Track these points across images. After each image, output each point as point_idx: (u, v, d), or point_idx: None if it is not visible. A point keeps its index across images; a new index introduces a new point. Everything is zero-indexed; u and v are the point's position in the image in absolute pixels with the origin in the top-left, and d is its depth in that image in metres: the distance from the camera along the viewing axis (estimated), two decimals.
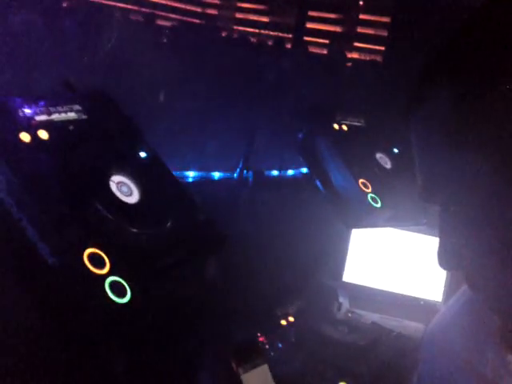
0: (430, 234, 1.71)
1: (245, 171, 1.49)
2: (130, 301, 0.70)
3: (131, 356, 0.90)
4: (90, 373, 0.79)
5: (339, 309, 1.57)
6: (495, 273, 0.46)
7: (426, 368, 1.02)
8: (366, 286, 1.73)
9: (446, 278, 1.73)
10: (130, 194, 0.82)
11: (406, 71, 1.93)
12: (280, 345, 1.30)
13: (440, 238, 0.53)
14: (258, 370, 0.67)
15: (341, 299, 1.62)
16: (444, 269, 0.54)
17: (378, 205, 1.41)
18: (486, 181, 0.44)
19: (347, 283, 1.73)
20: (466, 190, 0.46)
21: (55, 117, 0.84)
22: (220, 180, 1.51)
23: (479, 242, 0.47)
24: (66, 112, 0.88)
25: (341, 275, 1.73)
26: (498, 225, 0.45)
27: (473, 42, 0.45)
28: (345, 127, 1.58)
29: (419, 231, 1.71)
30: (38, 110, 0.82)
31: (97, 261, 0.70)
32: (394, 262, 1.74)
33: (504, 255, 0.44)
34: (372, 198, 1.42)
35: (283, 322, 1.42)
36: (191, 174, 1.39)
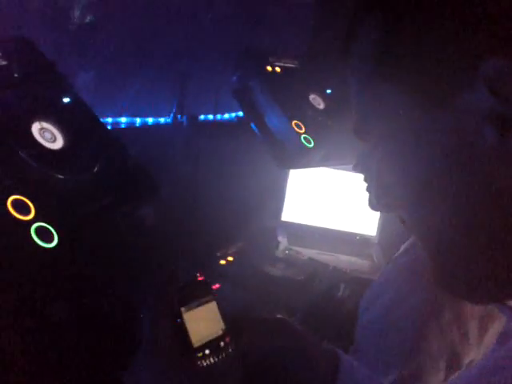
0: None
1: (179, 116, 1.49)
2: (57, 245, 0.70)
3: (69, 303, 0.91)
4: (28, 322, 0.80)
5: (277, 247, 1.61)
6: (422, 210, 0.47)
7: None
8: (303, 224, 1.78)
9: (380, 214, 1.80)
10: (54, 140, 0.81)
11: (340, 10, 1.94)
12: (219, 283, 1.34)
13: (371, 179, 0.54)
14: (204, 308, 0.66)
15: (279, 238, 1.67)
16: (375, 210, 0.55)
17: (311, 145, 1.44)
18: (410, 114, 0.45)
19: (286, 222, 1.78)
20: (393, 124, 0.47)
21: None
22: (154, 125, 1.50)
23: (405, 180, 0.47)
24: None
25: (279, 215, 1.78)
26: (419, 161, 0.45)
27: None
28: (278, 69, 1.59)
29: (353, 170, 1.76)
30: None
31: (21, 207, 0.70)
32: (330, 200, 1.79)
33: (429, 193, 0.45)
34: (305, 139, 1.45)
35: (222, 262, 1.45)
36: (123, 120, 1.38)
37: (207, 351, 0.60)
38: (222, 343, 0.62)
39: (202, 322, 0.62)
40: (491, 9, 0.39)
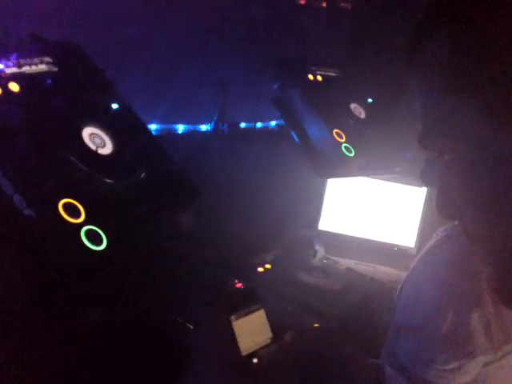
0: (402, 183, 1.75)
1: (220, 123, 1.50)
2: (106, 248, 0.72)
3: (111, 304, 0.92)
4: (67, 323, 0.82)
5: (314, 256, 1.61)
6: (488, 224, 0.46)
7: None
8: (341, 234, 1.78)
9: (419, 225, 1.78)
10: (104, 146, 0.83)
11: (379, 21, 1.93)
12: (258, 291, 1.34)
13: (438, 187, 0.53)
14: (252, 316, 0.66)
15: (316, 247, 1.66)
16: (441, 217, 0.54)
17: (352, 154, 1.44)
18: (476, 129, 0.44)
19: (323, 231, 1.77)
20: (459, 137, 0.46)
21: (26, 69, 0.84)
22: (195, 133, 1.52)
23: (471, 194, 0.47)
24: (36, 64, 0.88)
25: (316, 224, 1.77)
26: (487, 177, 0.45)
27: None
28: (319, 77, 1.59)
29: (392, 180, 1.75)
30: (8, 63, 0.82)
31: (72, 210, 0.72)
32: (368, 210, 1.78)
33: (496, 208, 0.44)
34: (346, 148, 1.44)
35: (260, 269, 1.46)
36: (166, 127, 1.40)
37: (255, 360, 0.60)
38: (269, 352, 0.62)
39: (251, 331, 0.62)
40: None
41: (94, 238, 0.71)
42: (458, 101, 0.45)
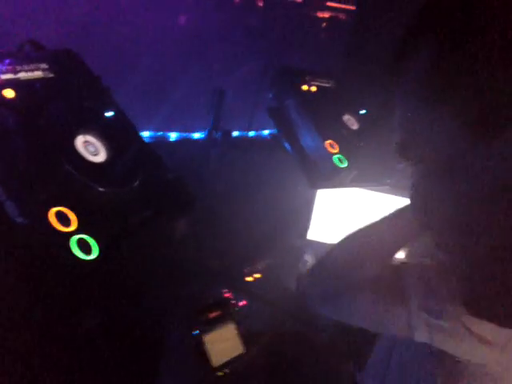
0: (392, 194, 1.76)
1: (214, 132, 1.50)
2: (96, 258, 0.72)
3: (100, 311, 0.92)
4: (59, 328, 0.82)
5: (304, 266, 1.61)
6: (453, 235, 0.47)
7: None
8: (330, 244, 1.77)
9: None
10: (97, 154, 0.83)
11: (376, 33, 1.94)
12: (246, 300, 1.34)
13: (411, 196, 0.55)
14: (223, 329, 0.67)
15: (306, 257, 1.66)
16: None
17: (344, 165, 1.45)
18: (453, 140, 0.45)
19: (312, 241, 1.77)
20: (436, 148, 0.47)
21: (21, 75, 0.84)
22: (188, 140, 1.52)
23: (439, 204, 0.48)
24: (32, 70, 0.87)
25: (306, 234, 1.78)
26: (454, 190, 0.46)
27: (450, 2, 0.46)
28: (314, 88, 1.60)
29: (382, 191, 1.76)
30: (3, 69, 0.82)
31: (63, 219, 0.71)
32: (358, 220, 1.78)
33: (460, 220, 0.45)
34: (338, 159, 1.45)
35: (249, 279, 1.46)
36: (159, 135, 1.40)
37: (227, 370, 0.62)
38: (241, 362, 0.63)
39: (222, 343, 0.64)
40: None
41: (85, 246, 0.71)
42: (436, 112, 0.46)
